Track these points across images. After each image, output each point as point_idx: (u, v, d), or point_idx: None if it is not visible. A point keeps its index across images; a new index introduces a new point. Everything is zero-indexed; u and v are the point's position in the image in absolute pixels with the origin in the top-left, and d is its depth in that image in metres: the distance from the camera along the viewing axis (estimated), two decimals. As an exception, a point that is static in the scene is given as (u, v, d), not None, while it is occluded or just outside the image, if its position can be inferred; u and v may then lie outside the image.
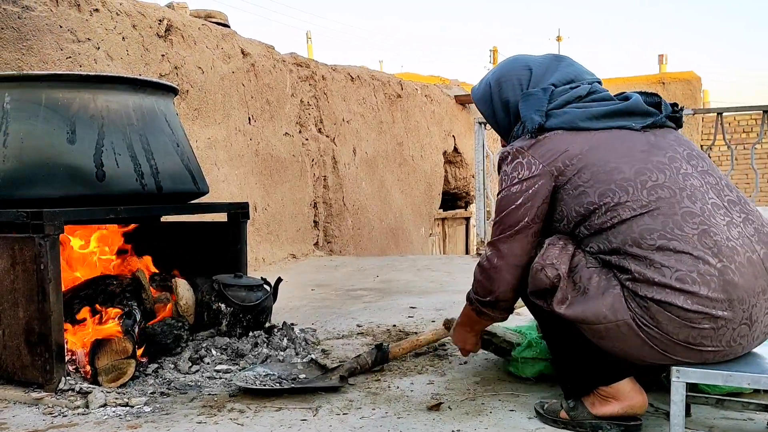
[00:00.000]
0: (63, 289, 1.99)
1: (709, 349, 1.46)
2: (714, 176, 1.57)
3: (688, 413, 1.70)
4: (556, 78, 1.68)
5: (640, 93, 1.67)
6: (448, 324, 2.16)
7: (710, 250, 1.43)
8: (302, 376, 2.09)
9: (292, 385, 1.98)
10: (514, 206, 1.60)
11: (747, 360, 1.53)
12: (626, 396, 1.59)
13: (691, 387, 1.79)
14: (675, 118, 1.66)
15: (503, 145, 1.81)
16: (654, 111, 1.62)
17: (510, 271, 1.62)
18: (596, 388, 1.61)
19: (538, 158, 1.58)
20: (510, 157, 1.63)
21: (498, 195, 1.65)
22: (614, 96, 1.67)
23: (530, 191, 1.58)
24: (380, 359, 2.17)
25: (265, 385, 1.98)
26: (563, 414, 1.67)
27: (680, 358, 1.48)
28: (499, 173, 1.68)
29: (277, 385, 2.00)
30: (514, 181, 1.61)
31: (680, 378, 1.48)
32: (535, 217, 1.59)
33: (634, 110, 1.61)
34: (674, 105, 1.67)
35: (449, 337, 2.10)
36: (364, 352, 2.20)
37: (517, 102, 1.69)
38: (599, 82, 1.70)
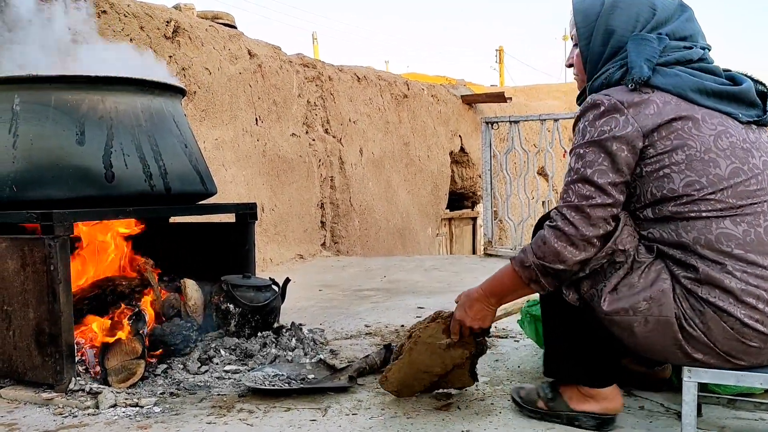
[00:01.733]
0: (72, 289, 2.00)
1: (743, 364, 1.43)
2: None
3: (699, 413, 1.70)
4: (674, 28, 1.51)
5: (750, 78, 1.53)
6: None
7: None
8: (311, 376, 2.09)
9: (301, 386, 1.98)
10: (599, 173, 1.42)
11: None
12: (605, 398, 1.61)
13: (702, 387, 1.79)
14: None
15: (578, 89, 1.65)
16: (759, 103, 1.50)
17: (600, 241, 1.43)
18: (579, 385, 1.62)
19: (639, 119, 1.42)
20: (604, 108, 1.45)
21: (577, 148, 1.47)
22: (723, 72, 1.52)
23: (618, 156, 1.42)
24: (389, 359, 2.17)
25: (274, 385, 1.98)
26: (541, 403, 1.68)
27: (709, 364, 1.45)
28: (579, 119, 1.51)
29: (286, 385, 2.00)
30: (603, 136, 1.43)
31: (692, 378, 1.47)
32: (617, 195, 1.44)
33: (744, 98, 1.48)
34: None
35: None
36: (373, 353, 2.20)
37: (625, 37, 1.51)
38: (709, 49, 1.55)
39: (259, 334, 2.42)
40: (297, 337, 2.47)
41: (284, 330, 2.50)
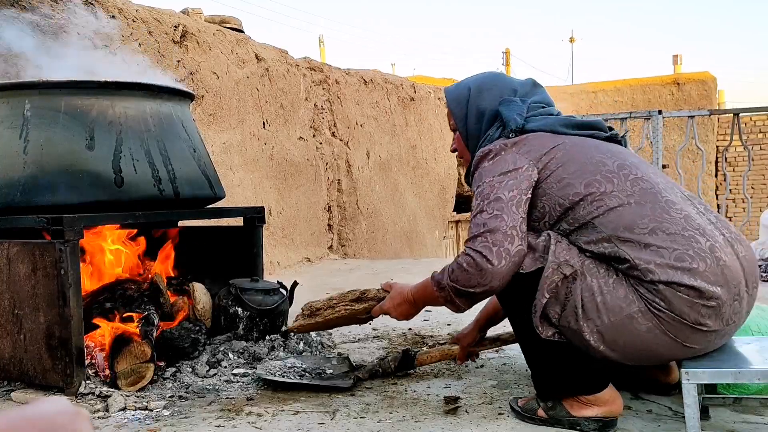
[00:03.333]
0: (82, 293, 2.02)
1: (713, 329, 1.48)
2: (665, 177, 1.69)
3: (707, 416, 1.70)
4: (534, 99, 1.78)
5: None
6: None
7: (697, 231, 1.50)
8: (329, 371, 2.12)
9: (302, 381, 2.03)
10: (498, 197, 1.56)
11: (754, 357, 1.55)
12: (606, 402, 1.62)
13: (710, 389, 1.79)
14: (622, 143, 1.80)
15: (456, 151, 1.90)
16: (608, 129, 1.76)
17: (507, 270, 1.53)
18: (577, 396, 1.63)
19: (522, 154, 1.62)
20: (492, 154, 1.64)
21: (477, 190, 1.62)
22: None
23: (515, 180, 1.58)
24: (405, 365, 2.17)
25: (283, 376, 2.05)
26: (541, 413, 1.69)
27: (689, 343, 1.49)
28: (474, 172, 1.67)
29: (298, 377, 2.06)
30: (496, 174, 1.59)
31: (690, 380, 1.48)
32: (521, 209, 1.56)
33: (598, 126, 1.75)
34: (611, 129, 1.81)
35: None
36: (390, 357, 2.20)
37: (494, 110, 1.75)
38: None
39: (267, 337, 2.43)
40: (305, 341, 2.47)
41: (292, 333, 2.51)
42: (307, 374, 2.11)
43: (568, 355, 1.59)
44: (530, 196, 1.59)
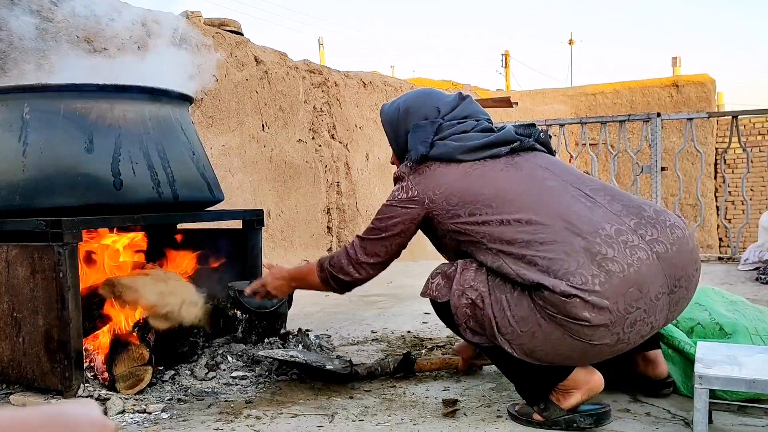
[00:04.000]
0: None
1: (604, 322, 1.51)
2: (574, 174, 1.77)
3: (710, 420, 1.69)
4: (454, 115, 1.87)
5: (517, 125, 1.89)
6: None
7: (573, 233, 1.58)
8: (329, 366, 2.13)
9: (297, 357, 2.14)
10: (387, 217, 1.82)
11: None
12: (583, 381, 1.67)
13: (711, 393, 1.78)
14: (545, 143, 1.87)
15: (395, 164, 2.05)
16: (521, 137, 1.82)
17: (370, 267, 1.85)
18: (555, 387, 1.68)
19: (415, 186, 1.80)
20: (398, 179, 1.85)
21: (383, 203, 1.86)
22: (494, 128, 1.89)
23: (403, 210, 1.80)
24: (405, 368, 2.18)
25: (282, 357, 2.16)
26: (536, 416, 1.72)
27: (595, 340, 1.54)
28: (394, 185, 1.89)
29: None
30: (395, 199, 1.83)
31: (703, 385, 1.47)
32: (401, 232, 1.82)
33: (501, 141, 1.80)
34: (545, 132, 1.90)
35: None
36: (390, 359, 2.21)
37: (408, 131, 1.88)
38: (489, 121, 1.92)
39: (266, 340, 2.43)
40: (303, 343, 2.48)
41: (291, 336, 2.51)
42: (308, 363, 2.14)
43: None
44: (416, 224, 1.81)
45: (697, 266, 1.66)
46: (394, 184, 1.88)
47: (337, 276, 1.87)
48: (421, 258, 6.96)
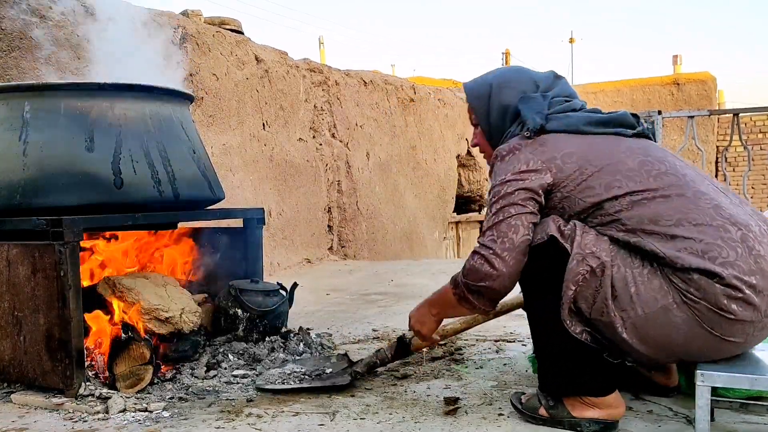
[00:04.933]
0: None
1: (750, 319, 1.44)
2: (696, 169, 1.66)
3: (711, 418, 1.69)
4: (556, 92, 1.74)
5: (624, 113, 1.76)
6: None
7: (728, 220, 1.48)
8: (328, 370, 2.13)
9: (301, 385, 2.04)
10: (510, 193, 1.58)
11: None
12: (609, 405, 1.62)
13: (713, 391, 1.78)
14: (650, 136, 1.75)
15: (479, 147, 1.87)
16: (635, 123, 1.71)
17: (509, 254, 1.55)
18: (581, 396, 1.62)
19: (537, 155, 1.60)
20: (507, 154, 1.64)
21: (491, 188, 1.65)
22: (600, 110, 1.75)
23: (527, 181, 1.58)
24: (401, 352, 2.15)
25: (283, 383, 2.06)
26: (542, 411, 1.69)
27: (727, 336, 1.45)
28: (491, 169, 1.69)
29: (297, 381, 2.07)
30: (511, 172, 1.60)
31: (705, 382, 1.46)
32: (532, 207, 1.58)
33: (624, 121, 1.69)
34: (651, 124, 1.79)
35: (477, 324, 2.05)
36: (385, 347, 2.19)
37: (516, 106, 1.72)
38: (585, 104, 1.78)
39: (267, 338, 2.43)
40: (305, 342, 2.47)
41: (292, 334, 2.51)
42: (306, 377, 2.11)
43: (582, 353, 1.58)
44: (542, 198, 1.58)
45: None
46: (499, 161, 1.66)
47: (474, 286, 1.59)
48: (422, 257, 6.97)
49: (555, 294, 1.56)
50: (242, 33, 4.76)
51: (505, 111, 1.75)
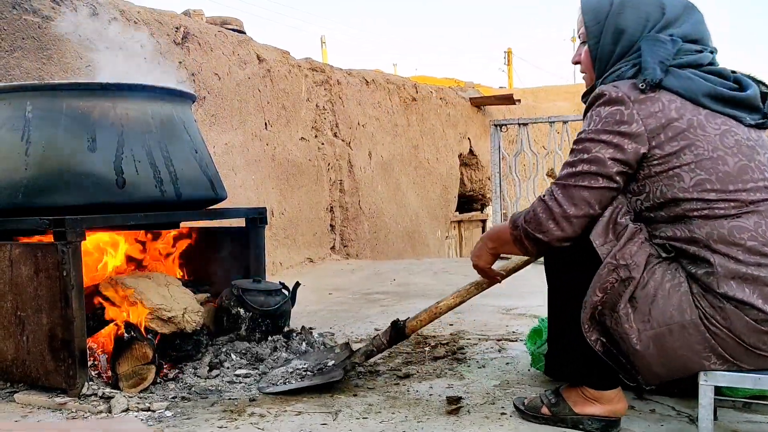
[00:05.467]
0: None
1: None
2: None
3: (714, 417, 1.69)
4: (685, 31, 1.53)
5: (753, 79, 1.55)
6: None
7: None
8: (330, 363, 2.13)
9: (301, 385, 2.04)
10: (602, 162, 1.46)
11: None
12: (611, 401, 1.61)
13: (716, 390, 1.77)
14: None
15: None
16: (762, 108, 1.52)
17: (578, 220, 1.49)
18: (583, 387, 1.62)
19: (643, 116, 1.45)
20: (611, 100, 1.48)
21: (582, 134, 1.51)
22: (730, 74, 1.54)
23: (624, 150, 1.45)
24: (396, 337, 2.08)
25: (285, 383, 2.06)
26: (545, 410, 1.68)
27: (740, 362, 1.43)
28: (588, 108, 1.55)
29: (299, 378, 2.08)
30: (606, 128, 1.46)
31: (708, 381, 1.46)
32: (618, 183, 1.48)
33: (749, 103, 1.50)
34: None
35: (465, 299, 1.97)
36: (380, 333, 2.14)
37: (635, 36, 1.54)
38: (716, 52, 1.57)
39: (270, 338, 2.43)
40: (307, 341, 2.47)
41: (294, 334, 2.51)
42: (308, 374, 2.11)
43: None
44: (634, 170, 1.48)
45: None
46: (598, 104, 1.50)
47: (533, 235, 1.53)
48: (424, 256, 6.97)
49: (582, 287, 1.52)
50: (244, 32, 4.76)
51: (620, 35, 1.55)
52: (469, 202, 8.95)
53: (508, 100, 8.62)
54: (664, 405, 1.82)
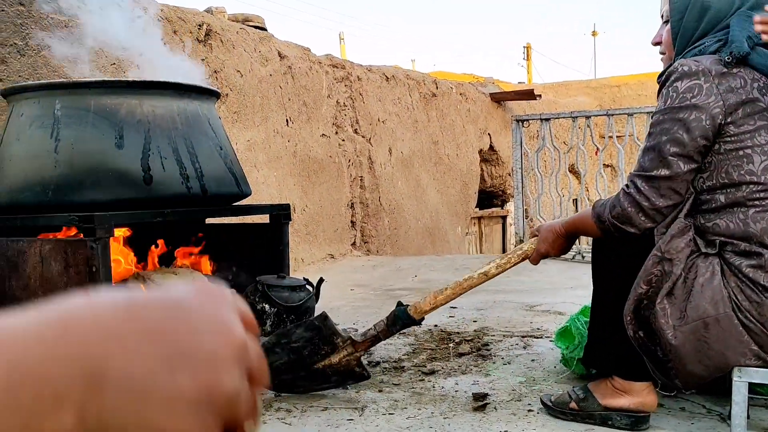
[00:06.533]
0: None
1: None
2: None
3: (747, 416, 1.66)
4: None
5: None
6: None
7: None
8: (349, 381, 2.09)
9: (324, 387, 1.97)
10: (679, 135, 1.43)
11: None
12: (639, 393, 1.60)
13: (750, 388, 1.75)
14: None
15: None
16: None
17: (668, 209, 1.48)
18: (613, 378, 1.61)
19: (723, 91, 1.41)
20: (689, 73, 1.44)
21: (657, 115, 1.49)
22: None
23: (700, 123, 1.41)
24: (401, 323, 1.98)
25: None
26: (573, 405, 1.68)
27: None
28: (664, 85, 1.51)
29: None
30: (683, 103, 1.43)
31: (742, 378, 1.44)
32: (697, 164, 1.44)
33: None
34: None
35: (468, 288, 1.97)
36: (382, 320, 2.03)
37: (722, 14, 1.50)
38: None
39: (294, 333, 2.44)
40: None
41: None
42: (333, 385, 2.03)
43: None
44: (709, 142, 1.44)
45: None
46: (674, 79, 1.46)
47: (623, 229, 1.52)
48: (444, 252, 6.95)
49: (626, 279, 1.52)
50: (265, 29, 4.78)
51: (705, 12, 1.52)
52: (490, 198, 8.91)
53: (528, 95, 8.55)
54: (694, 403, 1.80)
